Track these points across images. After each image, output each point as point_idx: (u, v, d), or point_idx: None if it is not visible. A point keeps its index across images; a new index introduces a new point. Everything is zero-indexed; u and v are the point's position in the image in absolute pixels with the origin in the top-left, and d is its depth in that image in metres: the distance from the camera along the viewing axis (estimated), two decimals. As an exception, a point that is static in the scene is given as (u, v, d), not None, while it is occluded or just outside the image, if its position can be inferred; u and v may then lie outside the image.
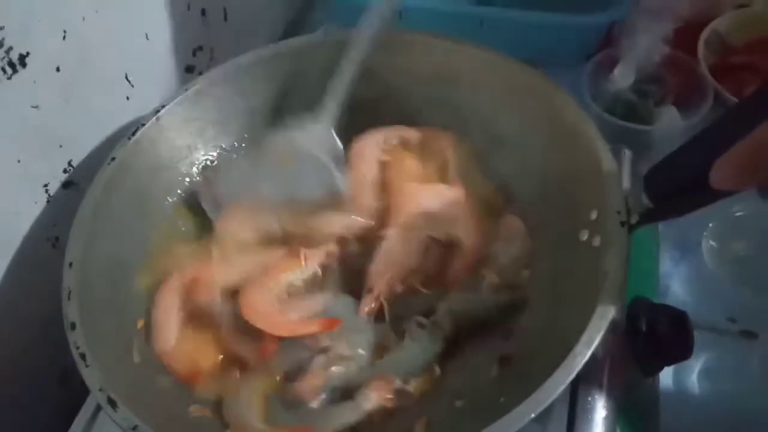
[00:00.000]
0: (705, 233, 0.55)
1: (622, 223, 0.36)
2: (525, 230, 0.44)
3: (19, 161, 0.44)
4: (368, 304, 0.42)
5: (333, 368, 0.39)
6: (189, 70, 0.62)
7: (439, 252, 0.45)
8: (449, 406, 0.37)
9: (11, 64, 0.41)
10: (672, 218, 0.51)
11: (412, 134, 0.50)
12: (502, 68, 0.47)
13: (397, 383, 0.38)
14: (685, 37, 0.64)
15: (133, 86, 0.53)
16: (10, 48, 0.41)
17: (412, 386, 0.38)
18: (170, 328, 0.42)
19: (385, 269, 0.43)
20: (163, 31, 0.56)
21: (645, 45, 0.61)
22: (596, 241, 0.37)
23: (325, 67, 0.51)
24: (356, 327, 0.41)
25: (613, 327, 0.42)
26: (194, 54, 0.62)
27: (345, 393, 0.39)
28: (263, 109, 0.53)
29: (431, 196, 0.46)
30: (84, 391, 0.43)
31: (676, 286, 0.57)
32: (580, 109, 0.42)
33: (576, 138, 0.41)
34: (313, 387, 0.39)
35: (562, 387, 0.31)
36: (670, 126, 0.61)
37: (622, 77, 0.63)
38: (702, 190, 0.31)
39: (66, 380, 0.51)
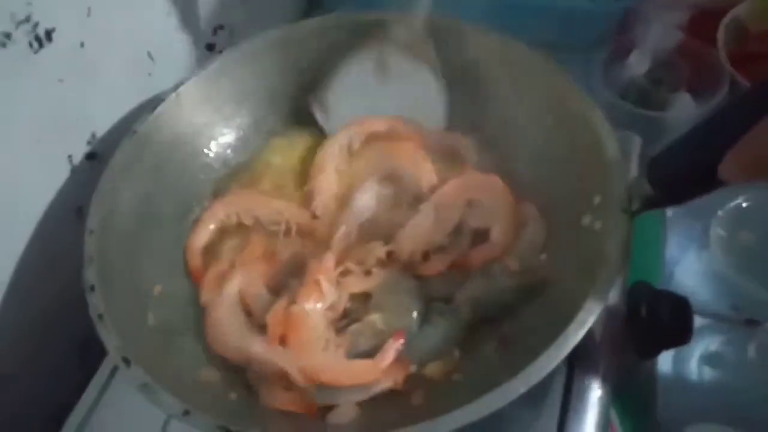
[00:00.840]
0: (713, 221, 0.56)
1: (624, 210, 0.37)
2: (539, 216, 0.44)
3: (43, 134, 0.46)
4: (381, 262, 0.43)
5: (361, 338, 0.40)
6: (209, 48, 0.63)
7: (467, 237, 0.45)
8: (447, 378, 0.38)
9: (38, 39, 0.43)
10: (673, 205, 0.51)
11: (379, 125, 0.50)
12: (512, 53, 0.47)
13: (413, 368, 0.39)
14: (705, 23, 0.64)
15: (155, 62, 0.55)
16: (37, 23, 0.43)
17: (428, 370, 0.39)
18: (204, 232, 0.48)
19: (411, 239, 0.44)
20: (184, 9, 0.58)
21: (660, 32, 0.61)
22: (597, 226, 0.38)
23: (341, 48, 0.52)
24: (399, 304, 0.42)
25: (611, 310, 0.44)
26: (215, 32, 0.63)
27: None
28: (281, 89, 0.54)
29: (478, 183, 0.47)
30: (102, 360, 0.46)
31: (680, 272, 0.57)
32: (587, 95, 0.42)
33: (582, 123, 0.41)
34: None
35: (554, 364, 0.32)
36: (683, 113, 0.61)
37: (637, 64, 0.63)
38: (705, 178, 0.32)
39: (86, 349, 0.53)
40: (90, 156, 0.50)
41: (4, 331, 0.46)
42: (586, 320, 0.33)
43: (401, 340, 0.39)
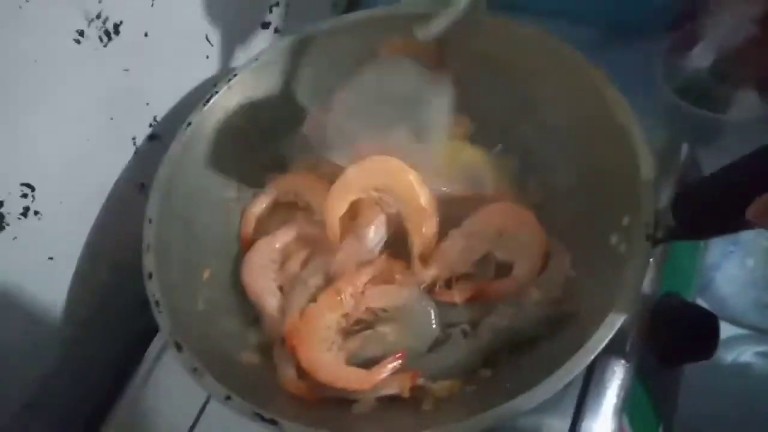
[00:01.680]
0: (760, 232, 0.54)
1: (648, 236, 0.37)
2: (565, 250, 0.44)
3: (111, 118, 0.49)
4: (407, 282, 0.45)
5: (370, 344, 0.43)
6: (265, 27, 0.65)
7: (491, 268, 0.46)
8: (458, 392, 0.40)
9: (107, 33, 0.46)
10: (696, 240, 0.50)
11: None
12: (561, 58, 0.46)
13: (421, 381, 0.41)
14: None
15: (212, 45, 0.57)
16: (106, 18, 0.46)
17: (437, 386, 0.40)
18: (263, 200, 0.53)
19: (433, 265, 0.45)
20: (242, -11, 0.59)
21: (729, 24, 0.57)
22: (622, 248, 0.38)
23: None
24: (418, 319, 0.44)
25: (635, 318, 0.44)
26: (270, 10, 0.65)
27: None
28: (328, 77, 0.55)
29: (511, 215, 0.46)
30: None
31: (720, 278, 0.57)
32: (630, 110, 0.42)
33: (621, 139, 0.41)
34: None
35: (562, 384, 0.34)
36: (745, 113, 0.58)
37: (701, 57, 0.60)
38: (731, 219, 0.32)
39: (145, 307, 0.58)
40: (152, 137, 0.54)
41: (80, 288, 0.51)
42: (596, 347, 0.35)
43: (400, 360, 0.41)
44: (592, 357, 0.35)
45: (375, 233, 0.47)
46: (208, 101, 0.51)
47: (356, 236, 0.46)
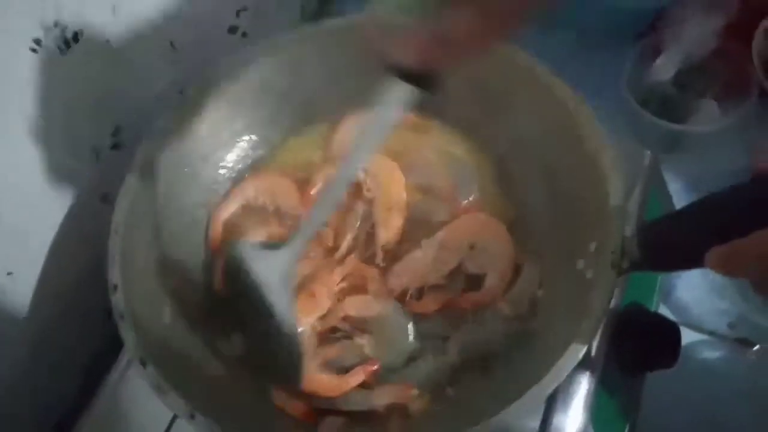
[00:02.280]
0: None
1: (613, 265, 0.37)
2: (535, 265, 0.45)
3: (72, 128, 0.48)
4: (374, 290, 0.45)
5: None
6: (232, 31, 0.63)
7: (462, 279, 0.46)
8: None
9: (66, 42, 0.45)
10: (662, 272, 0.52)
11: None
12: (532, 75, 0.46)
13: (415, 392, 0.41)
14: (742, 26, 0.61)
15: (177, 51, 0.56)
16: (65, 27, 0.44)
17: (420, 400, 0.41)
18: (231, 205, 0.52)
19: (404, 274, 0.45)
20: (208, -6, 0.58)
21: (692, 37, 0.59)
22: (589, 274, 0.39)
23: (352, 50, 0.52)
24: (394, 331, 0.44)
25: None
26: (237, 15, 0.63)
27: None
28: (300, 85, 0.54)
29: (483, 226, 0.47)
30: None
31: (682, 285, 0.58)
32: (602, 134, 0.41)
33: (592, 165, 0.41)
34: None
35: (530, 409, 0.35)
36: (705, 124, 0.60)
37: (663, 68, 0.62)
38: (691, 258, 0.32)
39: (109, 314, 0.57)
40: (114, 146, 0.53)
41: (40, 302, 0.50)
42: (560, 375, 0.35)
43: (374, 366, 0.42)
44: (555, 385, 0.35)
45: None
46: (179, 107, 0.49)
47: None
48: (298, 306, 0.43)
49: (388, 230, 0.47)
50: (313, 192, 0.51)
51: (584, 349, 0.36)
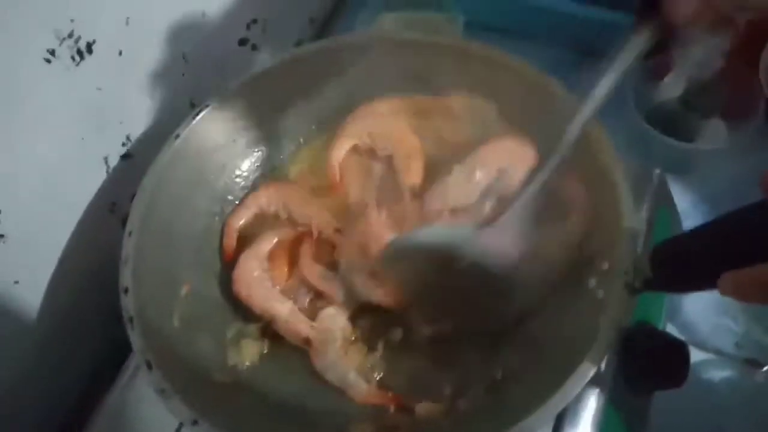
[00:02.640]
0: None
1: (626, 285, 0.37)
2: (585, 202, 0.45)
3: (83, 138, 0.48)
4: (412, 223, 0.47)
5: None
6: (242, 43, 0.64)
7: (491, 202, 0.47)
8: (436, 424, 0.40)
9: (79, 53, 0.45)
10: (676, 293, 0.51)
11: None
12: (544, 90, 0.47)
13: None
14: (749, 46, 0.62)
15: (188, 62, 0.57)
16: (79, 37, 0.44)
17: (419, 409, 0.41)
18: (244, 213, 0.52)
19: (439, 198, 0.47)
20: (219, 6, 0.59)
21: (699, 57, 0.59)
22: (600, 294, 0.39)
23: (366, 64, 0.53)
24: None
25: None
26: (248, 27, 0.64)
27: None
28: (315, 95, 0.55)
29: (513, 151, 0.48)
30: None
31: (689, 303, 0.58)
32: (616, 155, 0.42)
33: (605, 184, 0.41)
34: None
35: (539, 428, 0.34)
36: (712, 143, 0.60)
37: (671, 87, 0.62)
38: (704, 280, 0.32)
39: (117, 324, 0.57)
40: (125, 156, 0.53)
41: (48, 307, 0.50)
42: (569, 395, 0.35)
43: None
44: (565, 404, 0.35)
45: None
46: (198, 114, 0.50)
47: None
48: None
49: (412, 174, 0.50)
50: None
51: (595, 369, 0.35)
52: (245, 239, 0.52)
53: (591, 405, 0.44)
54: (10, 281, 0.46)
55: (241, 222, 0.52)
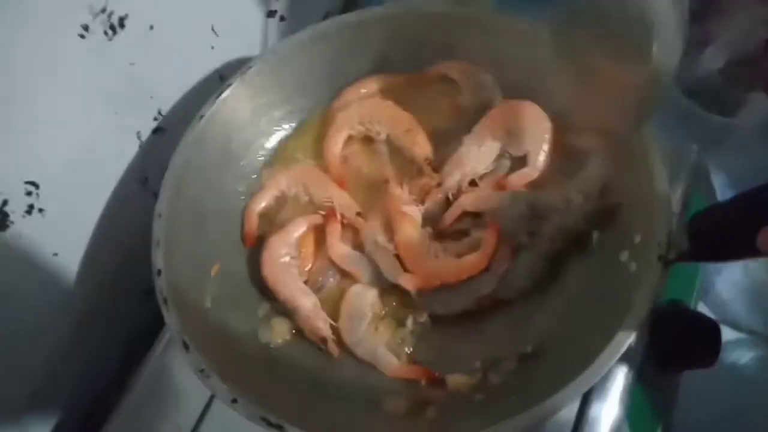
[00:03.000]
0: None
1: (659, 257, 0.37)
2: (602, 149, 0.46)
3: (116, 113, 0.49)
4: (434, 196, 0.48)
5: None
6: (270, 15, 0.63)
7: (507, 163, 0.49)
8: (469, 397, 0.41)
9: (112, 27, 0.45)
10: (710, 262, 0.51)
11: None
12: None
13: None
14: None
15: (218, 36, 0.56)
16: (111, 12, 0.44)
17: (451, 381, 0.42)
18: (265, 197, 0.52)
19: (456, 169, 0.48)
20: (247, -23, 0.58)
21: (742, 27, 0.57)
22: (633, 267, 0.39)
23: (393, 38, 0.52)
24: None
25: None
26: (276, -2, 0.63)
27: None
28: (340, 72, 0.55)
29: (515, 111, 0.49)
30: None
31: (721, 282, 0.57)
32: (648, 130, 0.41)
33: (637, 155, 0.41)
34: None
35: (568, 403, 0.34)
36: (753, 119, 0.58)
37: (712, 59, 0.59)
38: (744, 245, 0.32)
39: (150, 296, 0.58)
40: (156, 130, 0.53)
41: (84, 282, 0.51)
42: (605, 364, 0.35)
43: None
44: (597, 378, 0.35)
45: None
46: (221, 94, 0.50)
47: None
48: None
49: (420, 145, 0.51)
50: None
51: (628, 343, 0.36)
52: (267, 220, 0.52)
53: (619, 382, 0.44)
54: (49, 253, 0.47)
55: (262, 205, 0.52)
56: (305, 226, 0.50)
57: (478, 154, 0.49)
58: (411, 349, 0.45)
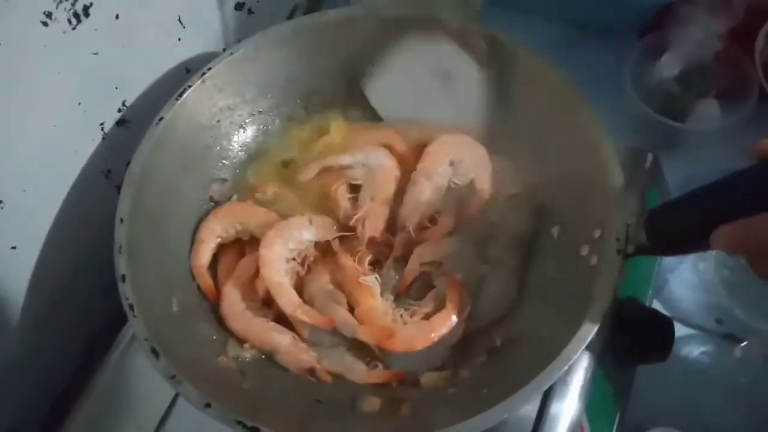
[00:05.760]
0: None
1: (618, 251, 0.39)
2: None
3: (79, 103, 0.47)
4: (401, 244, 0.47)
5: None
6: (238, 8, 0.62)
7: (457, 193, 0.50)
8: (443, 391, 0.42)
9: (76, 15, 0.44)
10: (667, 255, 0.53)
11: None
12: (534, 65, 0.47)
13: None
14: (745, 28, 0.62)
15: (184, 27, 0.55)
16: (76, 0, 0.43)
17: (424, 379, 0.43)
18: (205, 251, 0.49)
19: (414, 210, 0.48)
20: (217, -31, 0.57)
21: (697, 37, 0.59)
22: (593, 260, 0.40)
23: (365, 41, 0.52)
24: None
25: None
26: (245, -9, 0.63)
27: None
28: (304, 75, 0.54)
29: (453, 142, 0.51)
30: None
31: (674, 280, 0.60)
32: (602, 128, 0.43)
33: (594, 154, 0.42)
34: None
35: (537, 393, 0.36)
36: (706, 123, 0.61)
37: (668, 66, 0.62)
38: (697, 240, 0.34)
39: (111, 292, 0.57)
40: (120, 122, 0.52)
41: (43, 276, 0.50)
42: (569, 357, 0.36)
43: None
44: (560, 373, 0.36)
45: None
46: (181, 95, 0.49)
47: None
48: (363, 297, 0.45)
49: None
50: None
51: (593, 332, 0.37)
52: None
53: (579, 377, 0.45)
54: (7, 246, 0.45)
55: (206, 260, 0.49)
56: (254, 266, 0.48)
57: (432, 189, 0.49)
58: None
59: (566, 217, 0.45)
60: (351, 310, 0.45)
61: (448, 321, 0.44)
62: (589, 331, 0.37)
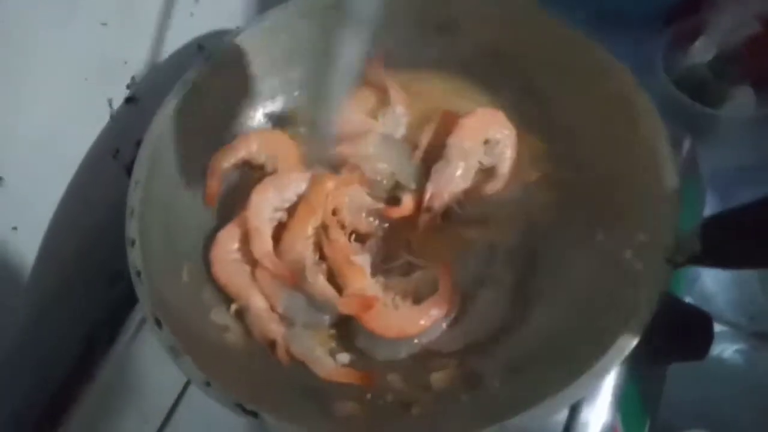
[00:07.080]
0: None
1: (668, 260, 0.35)
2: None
3: (86, 79, 0.45)
4: (425, 221, 0.46)
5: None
6: (252, -17, 0.60)
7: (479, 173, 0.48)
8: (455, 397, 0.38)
9: (85, -11, 0.41)
10: (719, 268, 0.50)
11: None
12: (587, 56, 0.44)
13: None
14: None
15: (197, 2, 0.53)
16: (85, -28, 0.41)
17: (433, 379, 0.40)
18: (231, 156, 0.48)
19: (444, 191, 0.46)
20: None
21: (732, 20, 0.57)
22: (638, 266, 0.36)
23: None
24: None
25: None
26: (259, -33, 0.60)
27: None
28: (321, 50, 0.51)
29: (490, 120, 0.48)
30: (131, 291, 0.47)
31: (707, 275, 0.57)
32: (659, 122, 0.40)
33: (646, 151, 0.39)
34: None
35: (563, 408, 0.33)
36: (740, 111, 0.58)
37: (701, 51, 0.60)
38: (759, 255, 0.31)
39: (116, 280, 0.55)
40: (129, 100, 0.50)
41: (45, 259, 0.47)
42: (607, 368, 0.33)
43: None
44: (601, 380, 0.34)
45: None
46: (208, 59, 0.46)
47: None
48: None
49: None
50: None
51: (630, 349, 0.34)
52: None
53: (611, 381, 0.43)
54: (8, 226, 0.43)
55: (228, 164, 0.48)
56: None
57: (465, 170, 0.47)
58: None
59: (607, 216, 0.41)
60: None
61: (440, 306, 0.41)
62: (629, 343, 0.34)
